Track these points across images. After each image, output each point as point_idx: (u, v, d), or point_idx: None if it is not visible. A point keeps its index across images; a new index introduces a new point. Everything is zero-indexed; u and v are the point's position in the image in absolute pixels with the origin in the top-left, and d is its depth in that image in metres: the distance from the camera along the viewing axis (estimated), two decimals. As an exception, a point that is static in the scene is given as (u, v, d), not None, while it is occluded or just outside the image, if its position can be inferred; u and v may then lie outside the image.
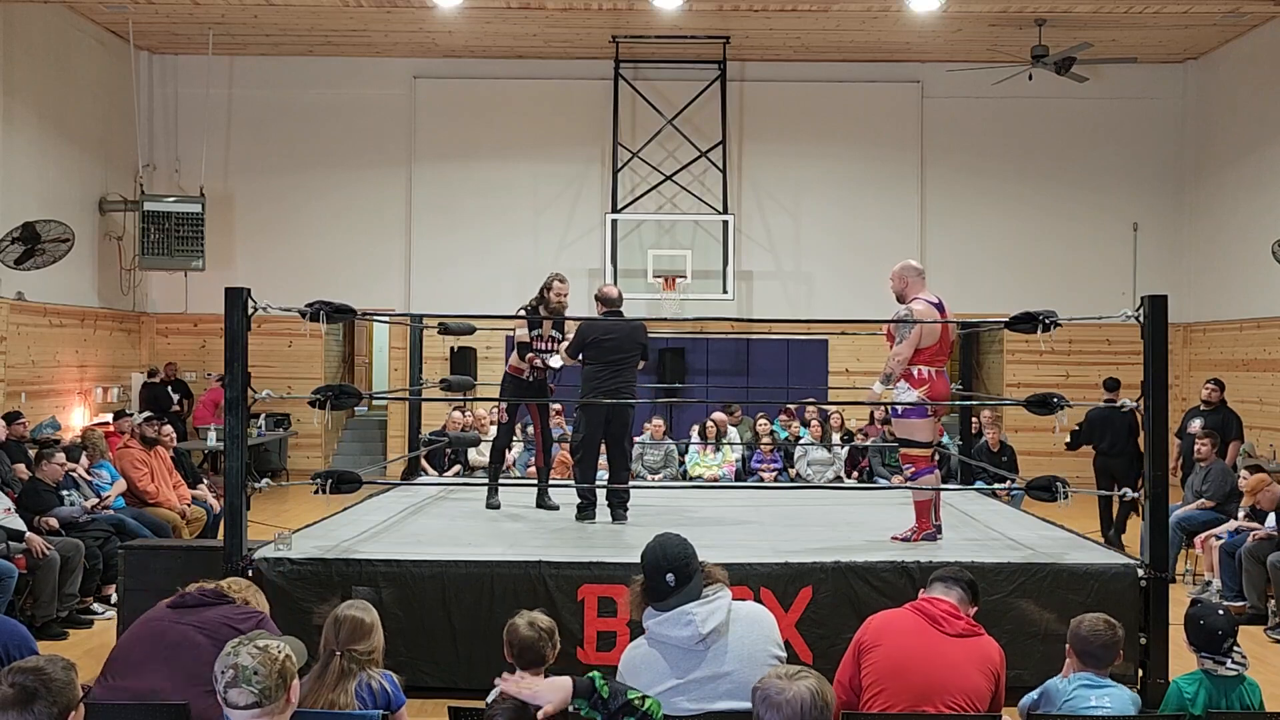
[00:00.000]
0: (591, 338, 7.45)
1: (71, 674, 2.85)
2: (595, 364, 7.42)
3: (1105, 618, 4.02)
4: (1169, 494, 5.92)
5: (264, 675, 2.85)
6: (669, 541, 3.63)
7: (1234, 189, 14.09)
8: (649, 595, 3.58)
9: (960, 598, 4.00)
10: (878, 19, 13.21)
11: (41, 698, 2.75)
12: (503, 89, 15.16)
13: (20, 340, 12.27)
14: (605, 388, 7.34)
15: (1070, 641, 4.03)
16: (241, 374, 5.85)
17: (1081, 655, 3.98)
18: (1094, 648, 3.94)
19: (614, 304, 7.65)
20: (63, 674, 2.82)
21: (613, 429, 7.55)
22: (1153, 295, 5.85)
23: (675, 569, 3.54)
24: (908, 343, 6.45)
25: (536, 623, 3.85)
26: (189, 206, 14.16)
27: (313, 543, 6.37)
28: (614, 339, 7.43)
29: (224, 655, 2.91)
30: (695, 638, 3.48)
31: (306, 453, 15.17)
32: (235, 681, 2.84)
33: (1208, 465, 9.33)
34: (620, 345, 7.43)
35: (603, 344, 7.42)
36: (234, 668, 2.86)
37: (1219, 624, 4.08)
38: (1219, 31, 13.72)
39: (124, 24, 13.56)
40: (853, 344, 14.48)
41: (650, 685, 3.42)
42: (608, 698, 3.06)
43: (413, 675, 5.70)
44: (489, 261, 14.81)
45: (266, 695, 2.85)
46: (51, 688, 2.77)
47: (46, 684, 2.77)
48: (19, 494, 7.97)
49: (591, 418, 7.47)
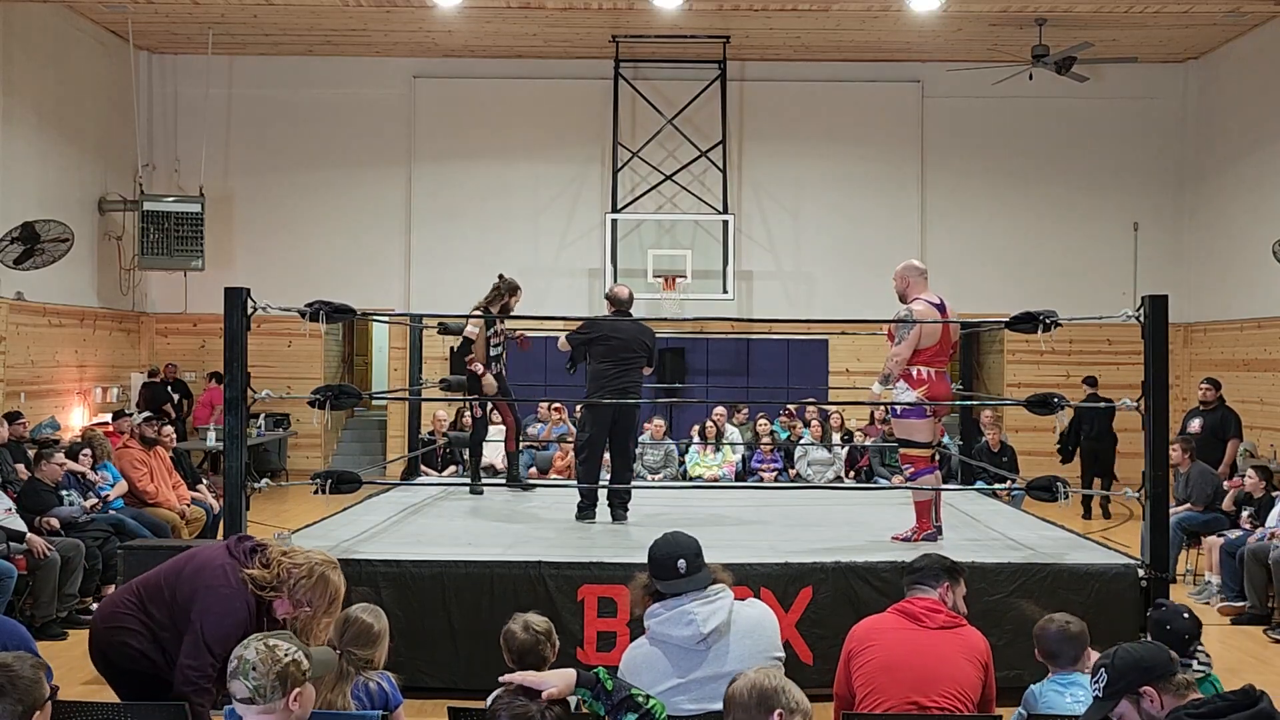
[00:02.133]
0: (599, 334, 7.46)
1: (40, 673, 2.88)
2: (603, 362, 7.39)
3: (1064, 615, 4.08)
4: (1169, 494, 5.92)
5: (260, 673, 2.88)
6: (681, 535, 3.69)
7: (1234, 189, 14.08)
8: (658, 582, 3.60)
9: (944, 589, 4.01)
10: (878, 19, 13.20)
11: (8, 694, 2.79)
12: (503, 89, 15.15)
13: (20, 340, 12.26)
14: (612, 386, 7.32)
15: (1036, 647, 4.08)
16: (241, 374, 5.85)
17: (1046, 657, 4.03)
18: (1052, 645, 3.99)
19: (623, 305, 7.67)
20: (30, 672, 2.85)
21: (618, 429, 7.54)
22: (1153, 295, 5.85)
23: (687, 556, 3.59)
24: (906, 343, 6.44)
25: (532, 625, 3.83)
26: (188, 206, 14.15)
27: (312, 543, 6.34)
28: (621, 338, 7.42)
29: (240, 645, 2.97)
30: (696, 637, 3.48)
31: (306, 453, 15.16)
32: (235, 673, 2.91)
33: (1186, 471, 9.37)
34: (628, 344, 7.41)
35: (610, 341, 7.40)
36: (238, 659, 2.92)
37: (1184, 626, 4.16)
38: (1219, 31, 13.70)
39: (124, 24, 13.55)
40: (853, 344, 14.47)
41: (651, 684, 3.42)
42: (611, 690, 3.08)
43: (412, 675, 5.69)
44: (489, 261, 14.70)
45: (260, 693, 2.88)
46: (18, 685, 2.80)
47: (13, 681, 2.80)
48: (18, 494, 7.96)
49: (598, 417, 7.45)
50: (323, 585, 3.86)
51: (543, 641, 3.82)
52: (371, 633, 3.91)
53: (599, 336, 7.44)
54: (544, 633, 3.84)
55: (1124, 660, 3.01)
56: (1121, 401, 6.19)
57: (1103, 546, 6.67)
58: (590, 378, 7.47)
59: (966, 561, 5.77)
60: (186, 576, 3.98)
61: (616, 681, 3.11)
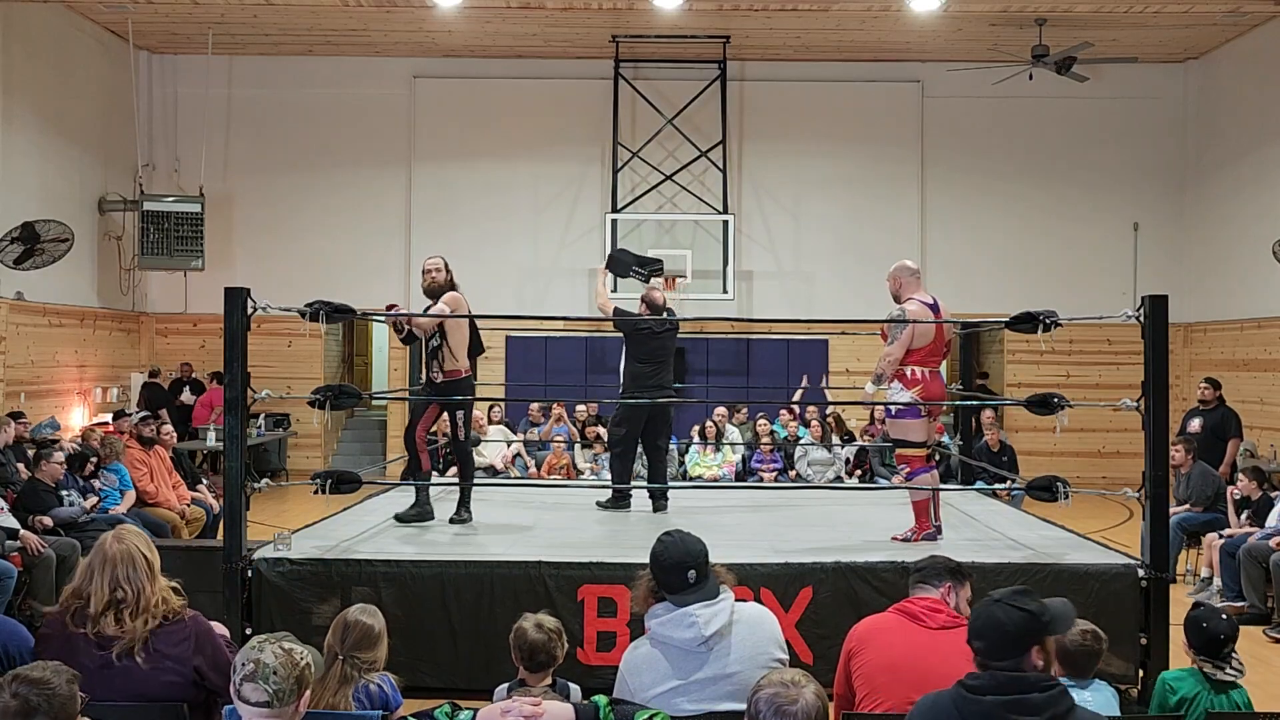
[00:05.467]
0: (648, 329, 7.70)
1: (74, 686, 2.85)
2: (641, 361, 7.69)
3: (1094, 629, 4.02)
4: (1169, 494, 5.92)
5: (282, 677, 2.87)
6: (689, 538, 3.64)
7: (1235, 189, 14.08)
8: (667, 594, 3.57)
9: (946, 589, 4.00)
10: (878, 19, 13.20)
11: (43, 712, 2.75)
12: (503, 89, 15.15)
13: (20, 340, 12.26)
14: (649, 384, 7.61)
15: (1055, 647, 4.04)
16: (241, 374, 5.85)
17: (1063, 662, 3.99)
18: (1079, 659, 3.96)
19: (659, 309, 7.94)
20: (66, 687, 2.81)
21: (652, 426, 7.85)
22: (1153, 295, 5.84)
23: (697, 566, 3.57)
24: (899, 343, 6.46)
25: (544, 624, 3.86)
26: (188, 206, 14.15)
27: (312, 543, 6.37)
28: (661, 339, 7.73)
29: (247, 649, 2.94)
30: (698, 640, 3.47)
31: (306, 453, 15.16)
32: (253, 676, 2.87)
33: (1187, 471, 9.37)
34: (665, 346, 7.76)
35: (652, 343, 7.69)
36: (255, 662, 2.88)
37: (1222, 628, 4.08)
38: (1220, 31, 13.70)
39: (124, 24, 13.55)
40: (853, 344, 14.46)
41: (652, 686, 3.42)
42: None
43: (412, 675, 5.69)
44: (489, 261, 14.77)
45: (279, 697, 2.87)
46: (54, 702, 2.77)
47: (49, 698, 2.77)
48: (18, 493, 7.97)
49: (635, 414, 7.69)
50: None
51: (554, 641, 3.85)
52: (372, 635, 3.91)
53: (647, 332, 7.69)
54: (555, 632, 3.87)
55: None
56: (1122, 401, 6.18)
57: (1103, 546, 6.66)
58: (629, 376, 7.72)
59: (966, 561, 5.77)
60: None
61: (619, 709, 3.11)
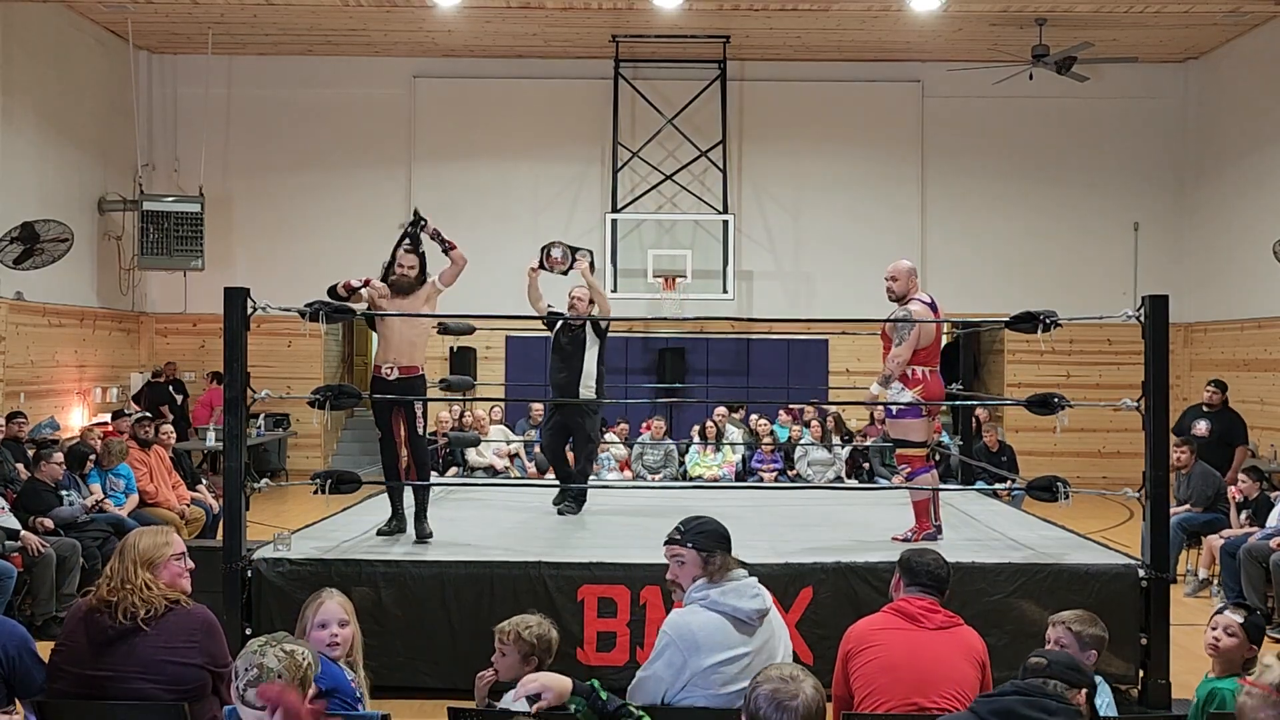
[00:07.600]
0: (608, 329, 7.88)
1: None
2: (603, 363, 7.82)
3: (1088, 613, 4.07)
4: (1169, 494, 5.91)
5: (286, 680, 2.87)
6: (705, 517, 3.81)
7: (1235, 189, 14.08)
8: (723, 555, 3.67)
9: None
10: (878, 19, 13.20)
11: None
12: (503, 89, 15.15)
13: (19, 340, 12.26)
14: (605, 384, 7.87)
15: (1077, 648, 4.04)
16: (241, 374, 5.84)
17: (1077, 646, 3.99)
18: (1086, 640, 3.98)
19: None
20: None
21: None
22: (1153, 295, 5.83)
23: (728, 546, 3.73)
24: (907, 344, 6.46)
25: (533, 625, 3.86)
26: (188, 206, 14.14)
27: (312, 543, 6.36)
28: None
29: (249, 653, 2.93)
30: (761, 611, 3.56)
31: (306, 453, 15.15)
32: (257, 681, 2.87)
33: (1188, 471, 9.36)
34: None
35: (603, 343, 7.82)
36: (259, 667, 2.88)
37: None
38: (1220, 31, 13.70)
39: (123, 24, 13.54)
40: (853, 344, 14.44)
41: (713, 653, 3.43)
42: (605, 700, 3.12)
43: (412, 675, 5.70)
44: (489, 261, 14.74)
45: None
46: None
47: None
48: (18, 493, 7.96)
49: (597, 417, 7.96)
50: None
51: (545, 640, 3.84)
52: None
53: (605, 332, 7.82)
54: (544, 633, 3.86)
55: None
56: (1122, 401, 6.18)
57: (1103, 547, 6.65)
58: (597, 378, 7.81)
59: (966, 562, 5.79)
60: None
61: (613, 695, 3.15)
